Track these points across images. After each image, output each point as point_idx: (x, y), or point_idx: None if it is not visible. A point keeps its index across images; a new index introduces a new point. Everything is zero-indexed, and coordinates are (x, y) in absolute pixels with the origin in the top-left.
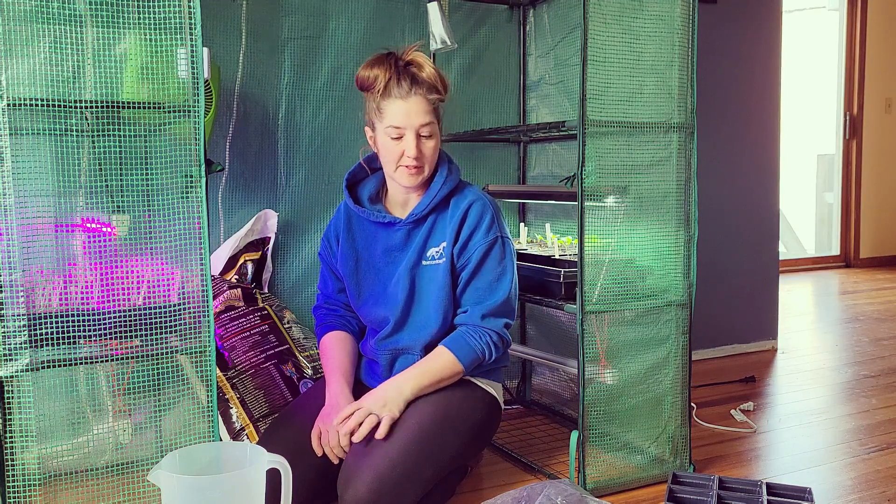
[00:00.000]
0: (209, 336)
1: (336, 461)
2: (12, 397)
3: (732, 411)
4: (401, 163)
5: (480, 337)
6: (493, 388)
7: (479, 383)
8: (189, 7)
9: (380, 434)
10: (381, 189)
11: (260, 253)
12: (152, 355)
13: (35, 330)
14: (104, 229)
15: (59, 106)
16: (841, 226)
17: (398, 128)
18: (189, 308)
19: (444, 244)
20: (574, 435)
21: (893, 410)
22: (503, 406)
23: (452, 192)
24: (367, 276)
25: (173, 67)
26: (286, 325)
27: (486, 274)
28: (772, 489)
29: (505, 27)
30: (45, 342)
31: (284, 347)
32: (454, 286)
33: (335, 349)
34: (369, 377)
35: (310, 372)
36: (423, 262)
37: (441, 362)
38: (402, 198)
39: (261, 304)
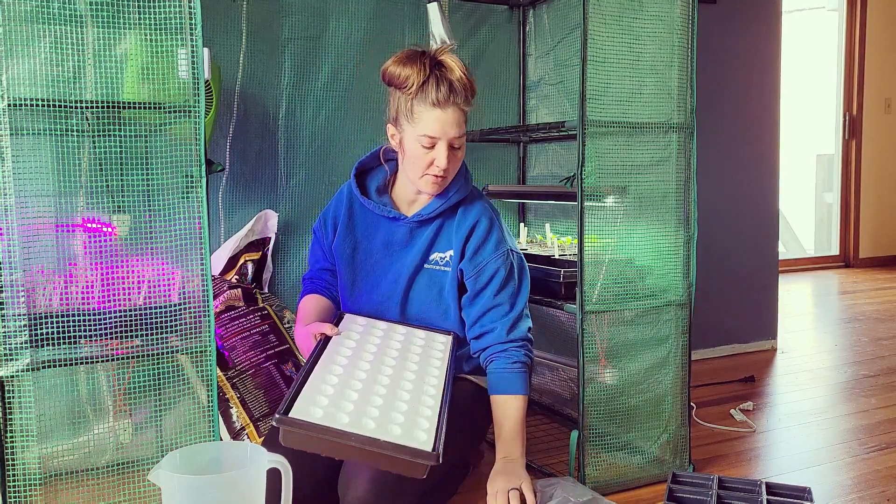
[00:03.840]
0: (209, 336)
1: None
2: (12, 397)
3: (732, 411)
4: (429, 171)
5: (517, 352)
6: (485, 382)
7: (473, 379)
8: (189, 7)
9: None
10: (389, 181)
11: (260, 253)
12: (153, 355)
13: (35, 330)
14: (105, 229)
15: (60, 106)
16: (840, 226)
17: (432, 137)
18: (189, 308)
19: (450, 252)
20: (574, 435)
21: (893, 410)
22: None
23: (463, 200)
24: (364, 266)
25: (174, 68)
26: (286, 325)
27: (505, 289)
28: (771, 489)
29: (505, 27)
30: (45, 342)
31: (284, 347)
32: (460, 296)
33: (308, 306)
34: None
35: None
36: (426, 266)
37: (519, 409)
38: (412, 196)
39: (261, 304)
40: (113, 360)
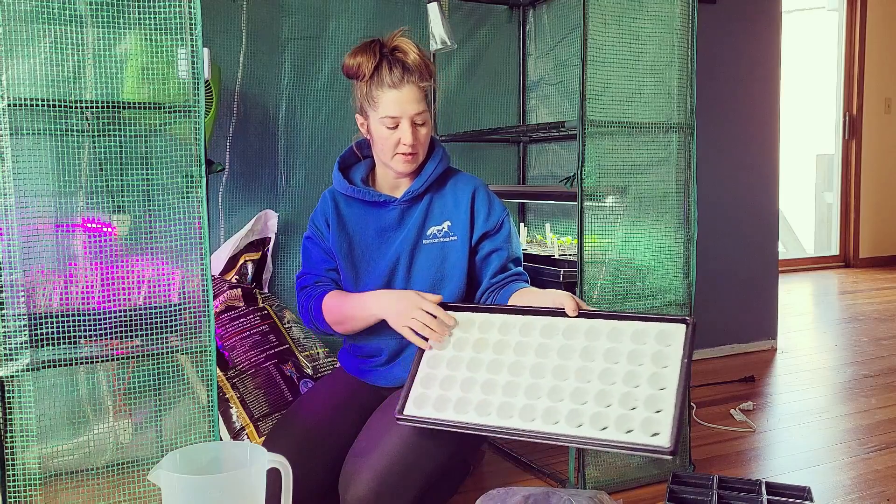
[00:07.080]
0: (209, 336)
1: None
2: (12, 397)
3: (732, 411)
4: (398, 150)
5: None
6: None
7: None
8: (189, 7)
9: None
10: (370, 174)
11: (260, 253)
12: (153, 355)
13: (35, 330)
14: (105, 229)
15: (60, 106)
16: (840, 226)
17: (394, 117)
18: (189, 308)
19: (447, 223)
20: None
21: (893, 410)
22: None
23: (446, 173)
24: (363, 257)
25: (174, 68)
26: (286, 325)
27: (515, 242)
28: (772, 488)
29: (505, 27)
30: (45, 342)
31: (284, 347)
32: (471, 263)
33: (342, 294)
34: (364, 372)
35: (310, 372)
36: (425, 241)
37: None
38: (392, 182)
39: (261, 304)
40: (113, 360)
